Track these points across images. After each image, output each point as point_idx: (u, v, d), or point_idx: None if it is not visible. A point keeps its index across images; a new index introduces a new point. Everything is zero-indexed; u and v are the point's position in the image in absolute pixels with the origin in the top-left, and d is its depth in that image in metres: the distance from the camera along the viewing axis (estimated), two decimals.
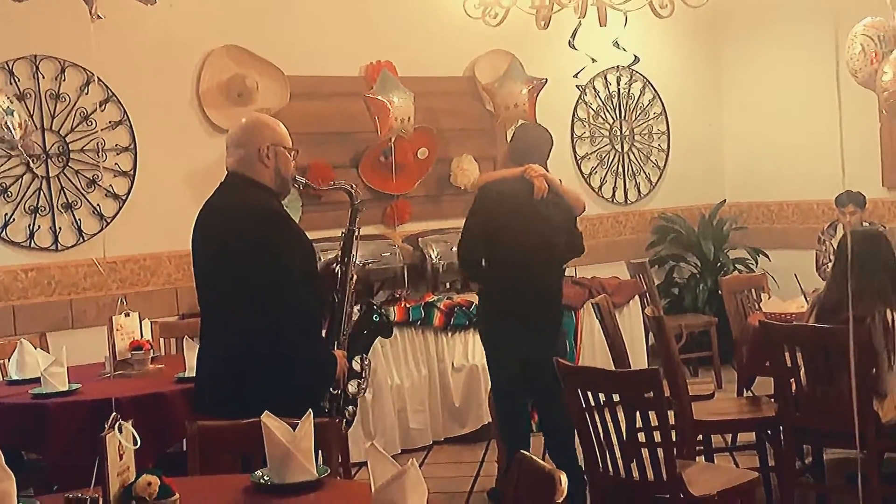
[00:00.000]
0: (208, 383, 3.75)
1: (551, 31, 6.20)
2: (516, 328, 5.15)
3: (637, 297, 7.44)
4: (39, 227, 5.95)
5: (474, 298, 6.08)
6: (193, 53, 6.49)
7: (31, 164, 5.90)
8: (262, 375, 3.52)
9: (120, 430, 2.47)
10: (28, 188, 5.92)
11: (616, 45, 5.89)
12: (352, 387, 3.93)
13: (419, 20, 7.32)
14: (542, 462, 2.55)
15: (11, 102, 5.65)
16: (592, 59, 6.00)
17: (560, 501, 2.32)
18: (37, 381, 4.60)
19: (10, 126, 5.38)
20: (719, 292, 6.95)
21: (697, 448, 5.20)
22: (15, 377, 4.84)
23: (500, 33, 7.20)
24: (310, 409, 2.96)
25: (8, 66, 5.82)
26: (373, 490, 2.42)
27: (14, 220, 5.86)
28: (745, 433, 5.40)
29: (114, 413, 2.46)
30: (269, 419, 2.90)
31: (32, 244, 5.93)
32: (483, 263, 5.22)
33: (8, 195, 5.85)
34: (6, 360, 5.03)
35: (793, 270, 6.21)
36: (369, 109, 6.76)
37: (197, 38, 6.48)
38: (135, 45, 6.25)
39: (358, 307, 4.23)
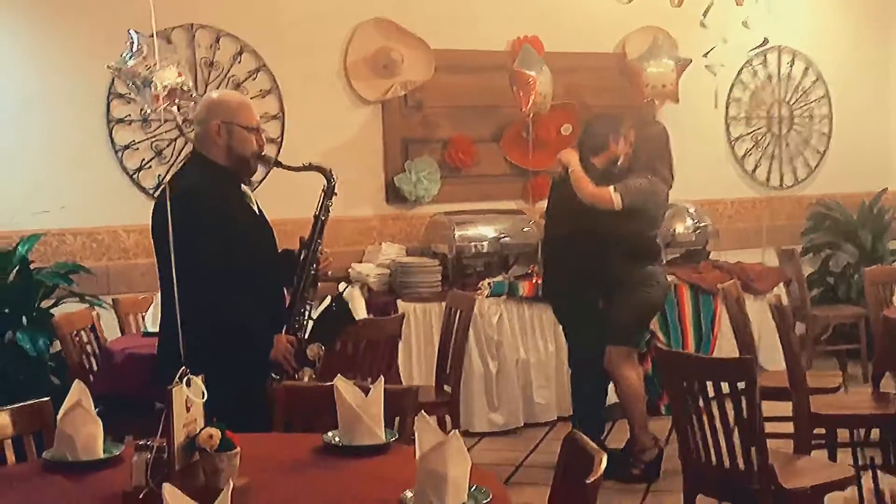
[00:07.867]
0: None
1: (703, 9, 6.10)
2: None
3: (782, 284, 7.23)
4: None
5: None
6: (342, 26, 6.66)
7: (184, 129, 6.20)
8: (187, 348, 3.22)
9: (188, 384, 2.61)
10: (181, 152, 6.22)
11: (745, 24, 5.72)
12: (304, 374, 3.81)
13: None
14: (589, 442, 2.57)
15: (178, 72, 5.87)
16: (724, 40, 5.86)
17: (592, 480, 2.34)
18: None
19: (146, 97, 5.64)
20: None
21: (821, 442, 5.08)
22: (150, 330, 5.10)
23: (653, 10, 7.12)
24: (381, 377, 3.05)
25: (166, 33, 6.11)
26: (417, 458, 2.48)
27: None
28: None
29: (183, 367, 2.60)
30: (341, 383, 3.01)
31: None
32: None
33: (162, 157, 6.17)
34: (145, 314, 5.32)
35: None
36: (514, 84, 6.76)
37: (346, 10, 6.66)
38: (286, 16, 6.48)
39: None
